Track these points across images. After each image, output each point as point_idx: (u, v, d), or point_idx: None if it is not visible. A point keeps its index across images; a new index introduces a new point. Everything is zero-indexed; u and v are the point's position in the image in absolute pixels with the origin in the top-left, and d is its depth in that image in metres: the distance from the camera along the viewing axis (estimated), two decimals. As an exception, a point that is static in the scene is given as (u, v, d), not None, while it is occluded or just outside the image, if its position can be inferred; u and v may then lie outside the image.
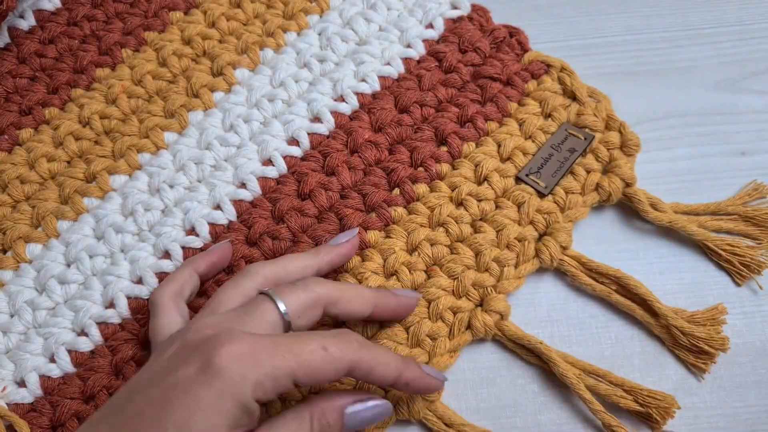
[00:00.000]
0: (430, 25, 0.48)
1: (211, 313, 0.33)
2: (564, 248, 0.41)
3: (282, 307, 0.32)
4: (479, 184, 0.43)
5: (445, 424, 0.37)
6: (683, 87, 0.48)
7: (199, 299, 0.39)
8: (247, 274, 0.35)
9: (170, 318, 0.35)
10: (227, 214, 0.42)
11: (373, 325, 0.39)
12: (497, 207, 0.42)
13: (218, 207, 0.42)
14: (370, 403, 0.32)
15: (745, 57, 0.49)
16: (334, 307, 0.34)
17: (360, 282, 0.39)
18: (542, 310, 0.41)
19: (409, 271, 0.40)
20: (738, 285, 0.41)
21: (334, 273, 0.40)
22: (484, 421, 0.38)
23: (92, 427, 0.29)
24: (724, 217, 0.43)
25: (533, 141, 0.44)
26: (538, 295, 0.41)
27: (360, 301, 0.35)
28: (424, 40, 0.48)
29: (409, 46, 0.48)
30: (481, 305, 0.40)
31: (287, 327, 0.32)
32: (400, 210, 0.42)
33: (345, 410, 0.31)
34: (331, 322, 0.39)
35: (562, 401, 0.39)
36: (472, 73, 0.46)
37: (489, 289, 0.40)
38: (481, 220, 0.42)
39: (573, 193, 0.42)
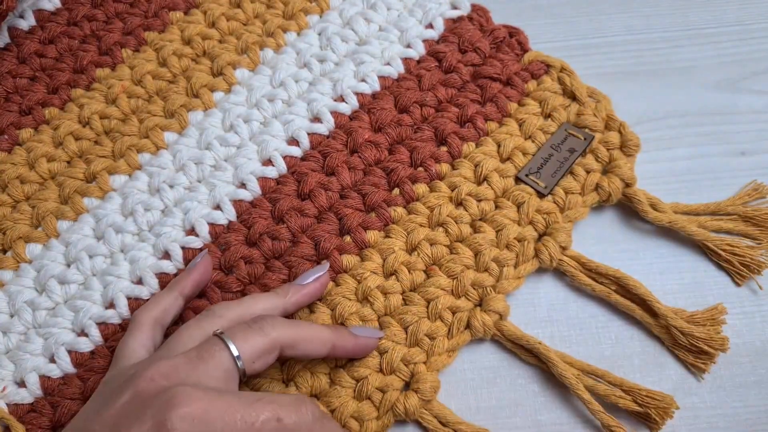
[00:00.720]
0: (430, 25, 0.48)
1: (168, 354, 0.32)
2: (563, 248, 0.41)
3: (235, 352, 0.31)
4: (479, 184, 0.43)
5: (441, 424, 0.37)
6: (683, 87, 0.48)
7: (200, 300, 0.39)
8: (211, 315, 0.34)
9: (141, 341, 0.35)
10: (227, 214, 0.42)
11: (371, 324, 0.39)
12: (497, 207, 0.42)
13: (218, 207, 0.42)
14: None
15: (745, 57, 0.49)
16: (291, 350, 0.34)
17: (359, 282, 0.39)
18: (542, 310, 0.41)
19: (409, 271, 0.40)
20: (738, 285, 0.41)
21: (333, 273, 0.40)
22: (484, 421, 0.38)
23: None
24: (724, 217, 0.43)
25: (533, 141, 0.44)
26: (538, 296, 0.41)
27: (317, 342, 0.34)
28: (424, 40, 0.48)
29: (409, 46, 0.48)
30: (480, 305, 0.40)
31: (242, 372, 0.32)
32: (400, 210, 0.42)
33: None
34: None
35: (562, 401, 0.39)
36: (472, 73, 0.46)
37: (488, 289, 0.40)
38: (480, 220, 0.42)
39: (573, 193, 0.42)
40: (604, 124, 0.45)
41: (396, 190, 0.42)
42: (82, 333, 0.39)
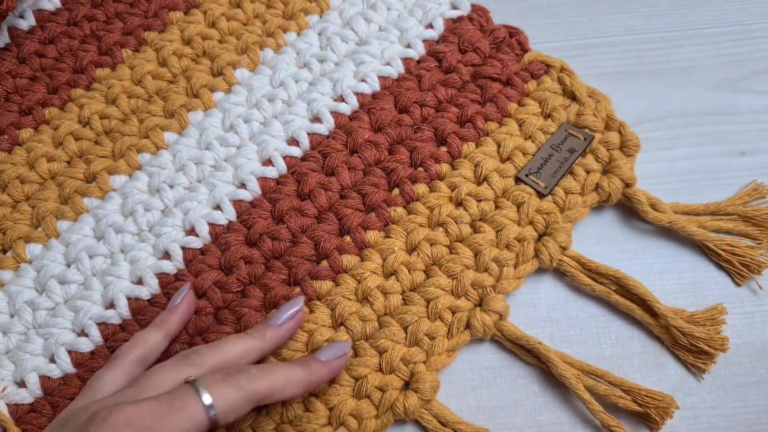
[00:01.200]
0: (430, 25, 0.48)
1: (137, 395, 0.31)
2: (563, 248, 0.41)
3: (208, 401, 0.30)
4: (479, 184, 0.43)
5: (441, 423, 0.37)
6: (683, 87, 0.48)
7: (199, 300, 0.39)
8: (189, 362, 0.33)
9: (115, 376, 0.34)
10: (227, 215, 0.42)
11: (370, 324, 0.39)
12: (497, 207, 0.42)
13: (218, 207, 0.42)
14: None
15: (745, 57, 0.49)
16: (269, 399, 0.33)
17: (359, 282, 0.39)
18: (542, 310, 0.41)
19: (408, 271, 0.40)
20: (738, 285, 0.41)
21: (332, 272, 0.40)
22: (485, 421, 0.38)
23: None
24: (723, 217, 0.43)
25: (533, 141, 0.44)
26: (538, 296, 0.41)
27: (293, 387, 0.34)
28: (424, 40, 0.48)
29: (409, 46, 0.47)
30: (480, 305, 0.40)
31: (214, 424, 0.31)
32: (400, 210, 0.42)
33: None
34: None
35: (562, 401, 0.39)
36: (472, 74, 0.46)
37: (488, 289, 0.40)
38: (480, 220, 0.42)
39: (572, 193, 0.42)
40: (604, 124, 0.45)
41: (396, 190, 0.42)
42: (82, 333, 0.39)
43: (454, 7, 0.49)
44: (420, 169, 0.43)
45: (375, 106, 0.45)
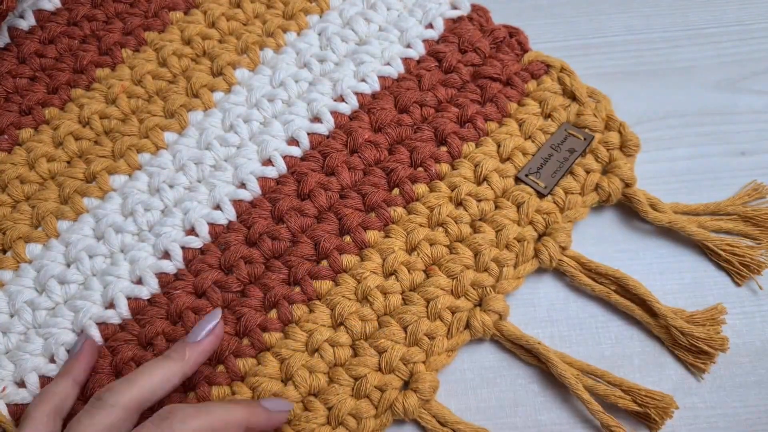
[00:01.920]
0: (430, 25, 0.48)
1: None
2: (563, 248, 0.41)
3: None
4: (479, 184, 0.43)
5: (440, 423, 0.37)
6: (683, 87, 0.48)
7: (199, 300, 0.39)
8: (102, 405, 0.31)
9: None
10: (227, 214, 0.42)
11: (370, 324, 0.39)
12: (497, 207, 0.42)
13: (218, 207, 0.42)
14: None
15: (745, 57, 0.49)
16: None
17: (359, 282, 0.39)
18: (542, 310, 0.41)
19: (408, 271, 0.40)
20: (738, 285, 0.41)
21: (332, 272, 0.40)
22: (485, 420, 0.38)
23: None
24: (723, 217, 0.43)
25: (533, 141, 0.44)
26: (538, 296, 0.41)
27: (233, 427, 0.32)
28: (424, 40, 0.48)
29: (409, 46, 0.47)
30: (479, 305, 0.40)
31: None
32: (400, 210, 0.42)
33: None
34: None
35: (562, 401, 0.39)
36: (472, 73, 0.46)
37: (488, 289, 0.40)
38: (480, 220, 0.42)
39: (572, 193, 0.42)
40: (604, 124, 0.45)
41: (396, 190, 0.42)
42: (82, 333, 0.39)
43: (454, 7, 0.49)
44: (420, 169, 0.43)
45: (375, 106, 0.45)
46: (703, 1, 0.51)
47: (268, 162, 0.43)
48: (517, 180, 0.43)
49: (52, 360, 0.38)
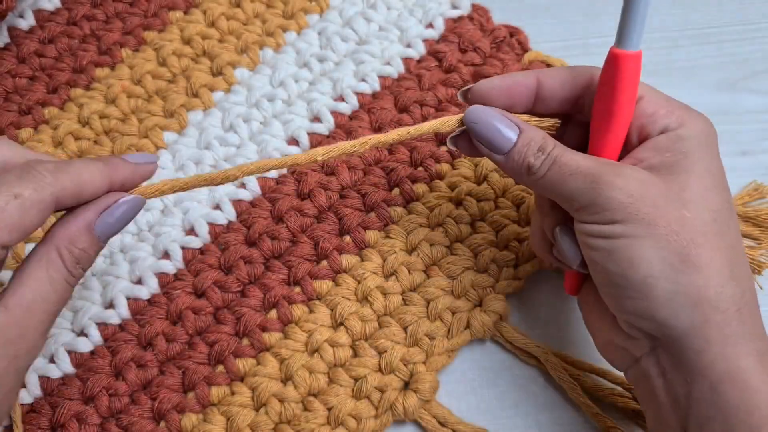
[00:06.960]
0: (430, 25, 0.48)
1: None
2: (564, 248, 0.41)
3: None
4: (479, 183, 0.43)
5: (440, 423, 0.37)
6: (683, 87, 0.48)
7: (199, 300, 0.39)
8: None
9: None
10: (226, 214, 0.42)
11: (370, 324, 0.39)
12: (497, 207, 0.42)
13: (218, 207, 0.42)
14: (117, 206, 0.30)
15: (745, 57, 0.49)
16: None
17: (359, 282, 0.39)
18: (542, 310, 0.41)
19: (408, 271, 0.40)
20: (738, 285, 0.41)
21: (332, 272, 0.40)
22: (485, 421, 0.38)
23: None
24: (724, 217, 0.43)
25: (533, 141, 0.44)
26: (538, 296, 0.41)
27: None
28: (424, 40, 0.48)
29: (409, 45, 0.47)
30: (480, 305, 0.40)
31: None
32: (400, 210, 0.42)
33: (93, 227, 0.29)
34: None
35: (563, 401, 0.39)
36: (473, 73, 0.46)
37: (488, 289, 0.40)
38: (480, 220, 0.42)
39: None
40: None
41: (396, 190, 0.42)
42: (82, 333, 0.39)
43: (455, 7, 0.49)
44: (420, 168, 0.43)
45: (375, 106, 0.45)
46: (703, 1, 0.51)
47: (268, 162, 0.43)
48: (518, 180, 0.43)
49: (51, 360, 0.38)
